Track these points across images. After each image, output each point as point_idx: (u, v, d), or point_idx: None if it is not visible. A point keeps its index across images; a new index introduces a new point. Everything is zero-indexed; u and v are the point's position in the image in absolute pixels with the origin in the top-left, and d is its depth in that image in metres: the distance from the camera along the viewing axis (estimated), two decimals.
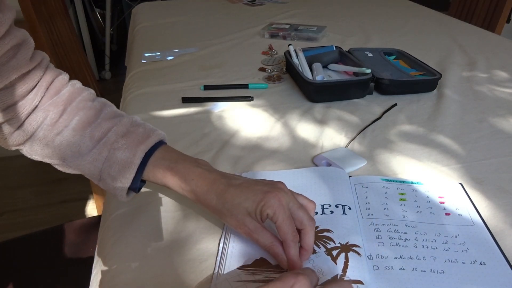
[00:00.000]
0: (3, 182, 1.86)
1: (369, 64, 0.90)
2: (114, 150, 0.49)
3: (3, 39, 0.44)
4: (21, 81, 0.47)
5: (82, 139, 0.49)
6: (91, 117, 0.51)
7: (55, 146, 0.49)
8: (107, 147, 0.49)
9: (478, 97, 0.83)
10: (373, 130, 0.71)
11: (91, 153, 0.49)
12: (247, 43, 1.18)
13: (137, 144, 0.49)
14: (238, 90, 0.87)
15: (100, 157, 0.49)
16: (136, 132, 0.51)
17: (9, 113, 0.47)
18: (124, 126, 0.51)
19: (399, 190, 0.55)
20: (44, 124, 0.49)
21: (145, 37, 1.27)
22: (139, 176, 0.49)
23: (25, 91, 0.48)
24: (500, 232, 0.48)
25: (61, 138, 0.49)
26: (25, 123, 0.49)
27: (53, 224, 0.88)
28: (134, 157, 0.48)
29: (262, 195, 0.43)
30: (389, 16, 1.42)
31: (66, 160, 0.50)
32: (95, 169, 0.50)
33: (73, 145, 0.49)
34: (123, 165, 0.48)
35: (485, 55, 1.04)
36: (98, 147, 0.49)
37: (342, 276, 0.41)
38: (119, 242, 0.49)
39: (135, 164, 0.48)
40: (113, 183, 0.49)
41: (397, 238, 0.47)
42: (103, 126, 0.50)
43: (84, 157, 0.49)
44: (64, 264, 0.80)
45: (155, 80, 0.94)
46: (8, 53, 0.45)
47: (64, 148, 0.49)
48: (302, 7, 1.54)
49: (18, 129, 0.49)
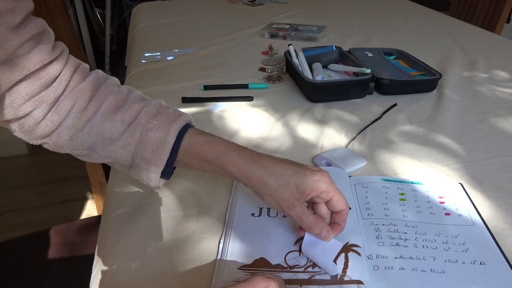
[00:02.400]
0: (3, 182, 1.86)
1: (369, 64, 0.90)
2: (147, 131, 0.48)
3: (23, 27, 0.43)
4: (44, 71, 0.46)
5: (113, 123, 0.48)
6: (120, 101, 0.50)
7: (85, 133, 0.48)
8: (139, 129, 0.48)
9: (478, 97, 0.83)
10: (373, 130, 0.71)
11: (123, 137, 0.48)
12: (247, 43, 1.18)
13: (169, 123, 0.48)
14: (238, 90, 0.87)
15: (132, 140, 0.48)
16: (166, 112, 0.50)
17: (34, 103, 0.46)
18: (154, 107, 0.50)
19: (399, 190, 0.55)
20: (72, 112, 0.48)
21: (145, 37, 1.27)
22: (173, 157, 0.48)
23: (48, 80, 0.47)
24: (500, 232, 0.48)
25: (91, 124, 0.48)
26: (52, 112, 0.48)
27: (53, 224, 0.88)
28: (168, 136, 0.48)
29: (312, 172, 0.43)
30: (389, 16, 1.42)
31: (96, 149, 0.49)
32: (128, 154, 0.49)
33: (104, 130, 0.48)
34: (157, 145, 0.47)
35: (485, 55, 1.04)
36: (130, 130, 0.48)
37: (342, 276, 0.41)
38: (119, 242, 0.49)
39: (170, 143, 0.48)
40: (147, 167, 0.48)
41: (397, 238, 0.47)
42: (133, 109, 0.49)
43: (116, 142, 0.48)
44: (64, 264, 0.80)
45: (155, 80, 0.94)
46: (30, 42, 0.44)
47: (95, 135, 0.49)
48: (302, 7, 1.54)
49: (45, 119, 0.48)
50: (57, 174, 1.92)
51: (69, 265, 0.80)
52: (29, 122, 0.47)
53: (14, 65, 0.43)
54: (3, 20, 0.40)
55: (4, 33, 0.41)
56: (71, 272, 0.78)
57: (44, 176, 1.91)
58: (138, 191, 0.57)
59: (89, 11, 2.87)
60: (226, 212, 0.52)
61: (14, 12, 0.41)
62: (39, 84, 0.46)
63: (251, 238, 0.47)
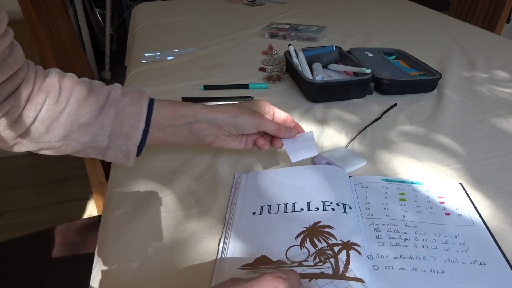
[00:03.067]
0: (3, 182, 1.86)
1: (369, 64, 0.90)
2: (121, 108, 0.52)
3: (5, 36, 0.45)
4: (16, 74, 0.48)
5: (88, 107, 0.51)
6: (89, 88, 0.53)
7: (61, 123, 0.50)
8: (113, 108, 0.52)
9: (478, 97, 0.83)
10: (373, 130, 0.71)
11: (98, 118, 0.51)
12: (247, 43, 1.18)
13: (139, 98, 0.53)
14: (238, 90, 0.87)
15: (108, 119, 0.51)
16: (131, 90, 0.55)
17: (8, 103, 0.47)
18: (119, 89, 0.54)
19: (399, 190, 0.55)
20: (45, 105, 0.50)
21: (145, 37, 1.27)
22: (147, 129, 0.53)
23: (19, 81, 0.48)
24: (500, 232, 0.48)
25: (66, 113, 0.50)
26: (26, 108, 0.49)
27: (53, 224, 0.88)
28: (141, 109, 0.52)
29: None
30: (389, 16, 1.42)
31: (71, 137, 0.51)
32: (105, 134, 0.51)
33: (80, 116, 0.51)
34: (134, 119, 0.52)
35: (485, 55, 1.04)
36: (104, 111, 0.51)
37: (343, 272, 0.41)
38: (119, 242, 0.49)
39: (143, 115, 0.52)
40: (126, 141, 0.52)
41: (397, 238, 0.47)
42: (103, 92, 0.53)
43: (92, 125, 0.51)
44: (64, 264, 0.80)
45: (155, 80, 0.94)
46: (7, 49, 0.46)
47: (71, 123, 0.50)
48: (302, 7, 1.54)
49: (21, 116, 0.49)
50: (57, 174, 1.92)
51: (69, 265, 0.80)
52: (6, 122, 0.48)
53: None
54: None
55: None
56: (71, 272, 0.78)
57: (44, 176, 1.91)
58: (138, 191, 0.57)
59: (89, 11, 2.87)
60: (226, 212, 0.53)
61: (1, 21, 0.44)
62: (11, 85, 0.48)
63: (252, 237, 0.47)
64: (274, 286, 0.33)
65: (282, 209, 0.51)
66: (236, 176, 0.59)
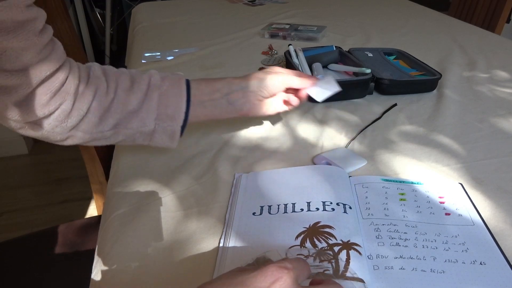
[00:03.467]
0: (3, 182, 1.86)
1: (369, 64, 0.90)
2: (164, 91, 0.56)
3: (44, 32, 0.46)
4: (60, 70, 0.49)
5: (135, 94, 0.54)
6: (131, 77, 0.56)
7: (112, 112, 0.53)
8: (156, 92, 0.55)
9: (478, 97, 0.83)
10: (373, 130, 0.71)
11: (144, 103, 0.55)
12: (247, 43, 1.18)
13: (177, 80, 0.57)
14: None
15: (153, 103, 0.55)
16: (168, 75, 0.58)
17: (60, 97, 0.49)
18: (157, 74, 0.57)
19: (399, 190, 0.55)
20: (97, 96, 0.52)
21: (145, 37, 1.27)
22: (188, 109, 0.57)
23: (64, 77, 0.50)
24: (500, 232, 0.48)
25: (116, 102, 0.54)
26: (77, 101, 0.51)
27: (53, 224, 0.88)
28: (181, 90, 0.56)
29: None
30: (389, 16, 1.42)
31: (121, 125, 0.54)
32: (151, 118, 0.55)
33: (128, 103, 0.54)
34: (176, 100, 0.56)
35: (485, 55, 1.04)
36: (148, 96, 0.55)
37: (344, 272, 0.41)
38: (119, 242, 0.49)
39: (184, 96, 0.56)
40: (172, 123, 0.56)
41: (397, 238, 0.47)
42: (144, 79, 0.56)
43: (139, 111, 0.54)
44: (64, 264, 0.80)
45: None
46: (49, 44, 0.47)
47: (120, 111, 0.54)
48: (302, 7, 1.54)
49: (73, 109, 0.51)
50: (57, 174, 1.92)
51: (69, 265, 0.80)
52: (61, 115, 0.50)
53: (40, 65, 0.46)
54: (32, 26, 0.44)
55: (33, 38, 0.44)
56: (71, 272, 0.78)
57: (44, 176, 1.91)
58: (138, 191, 0.57)
59: (89, 11, 2.87)
60: (226, 212, 0.53)
61: (37, 19, 0.45)
62: (58, 81, 0.49)
63: (252, 237, 0.47)
64: (278, 277, 0.33)
65: (282, 209, 0.51)
66: (236, 176, 0.59)
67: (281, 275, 0.33)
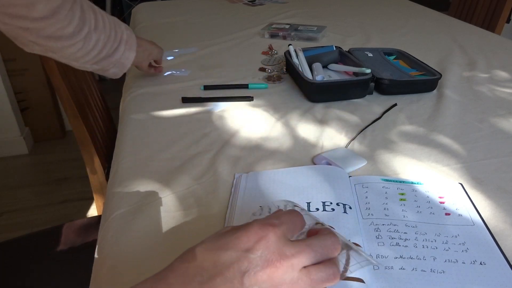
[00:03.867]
0: (3, 182, 1.86)
1: (369, 64, 0.90)
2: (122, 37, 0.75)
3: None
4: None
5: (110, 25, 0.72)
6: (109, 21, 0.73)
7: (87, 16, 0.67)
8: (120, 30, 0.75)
9: (478, 97, 0.83)
10: (373, 130, 0.71)
11: (105, 25, 0.71)
12: (247, 43, 1.18)
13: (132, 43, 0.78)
14: (238, 90, 0.87)
15: (111, 24, 0.72)
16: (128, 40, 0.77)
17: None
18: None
19: (399, 190, 0.55)
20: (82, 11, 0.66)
21: (145, 37, 1.27)
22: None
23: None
24: (500, 232, 0.48)
25: (97, 22, 0.69)
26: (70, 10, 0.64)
27: (53, 224, 0.88)
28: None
29: None
30: (389, 16, 1.42)
31: (95, 32, 0.68)
32: (112, 32, 0.72)
33: (105, 27, 0.70)
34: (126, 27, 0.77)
35: (485, 55, 1.04)
36: (106, 21, 0.71)
37: (343, 272, 0.41)
38: (119, 242, 0.49)
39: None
40: (130, 41, 0.76)
41: (397, 238, 0.47)
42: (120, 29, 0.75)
43: (103, 30, 0.70)
44: (64, 264, 0.80)
45: (155, 80, 0.94)
46: None
47: (96, 24, 0.68)
48: (302, 7, 1.54)
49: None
50: (57, 174, 1.92)
51: (69, 265, 0.80)
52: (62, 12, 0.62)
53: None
54: None
55: None
56: (71, 272, 0.78)
57: (44, 176, 1.91)
58: (138, 191, 0.57)
59: None
60: (226, 212, 0.52)
61: None
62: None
63: None
64: (262, 235, 0.32)
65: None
66: (236, 176, 0.59)
67: (265, 233, 0.32)
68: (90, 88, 1.20)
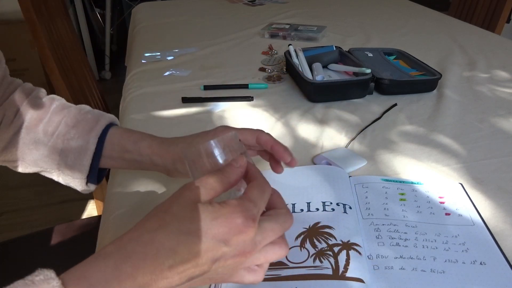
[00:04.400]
0: (3, 182, 1.86)
1: (369, 64, 0.90)
2: (68, 140, 0.52)
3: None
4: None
5: (36, 135, 0.53)
6: (42, 114, 0.54)
7: (12, 146, 0.52)
8: (61, 139, 0.53)
9: (478, 97, 0.83)
10: (373, 130, 0.71)
11: (47, 147, 0.53)
12: (247, 43, 1.18)
13: (88, 131, 0.53)
14: (238, 90, 0.87)
15: (56, 150, 0.52)
16: (85, 119, 0.54)
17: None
18: (74, 116, 0.54)
19: (399, 190, 0.55)
20: (2, 125, 0.52)
21: (145, 37, 1.27)
22: (97, 163, 0.53)
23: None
24: (500, 232, 0.48)
25: (17, 137, 0.53)
26: None
27: (53, 224, 0.88)
28: (88, 143, 0.52)
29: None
30: (389, 16, 1.42)
31: (25, 159, 0.53)
32: (53, 162, 0.53)
33: (29, 142, 0.53)
34: (79, 153, 0.52)
35: (485, 55, 1.04)
36: (53, 141, 0.53)
37: (343, 272, 0.41)
38: None
39: (90, 150, 0.52)
40: (72, 173, 0.53)
41: (397, 238, 0.47)
42: (54, 120, 0.54)
43: (41, 152, 0.53)
44: (64, 264, 0.80)
45: (155, 80, 0.94)
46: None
47: (21, 147, 0.53)
48: (302, 7, 1.54)
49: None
50: None
51: (69, 265, 0.80)
52: None
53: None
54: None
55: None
56: None
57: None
58: (138, 191, 0.57)
59: (89, 11, 2.87)
60: None
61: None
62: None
63: None
64: (242, 231, 0.31)
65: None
66: None
67: (246, 229, 0.32)
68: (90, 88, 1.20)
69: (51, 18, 1.03)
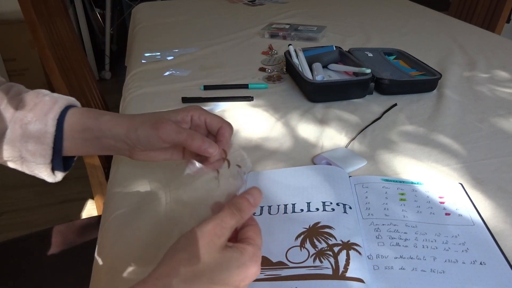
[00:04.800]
0: (2, 182, 1.86)
1: (369, 64, 0.90)
2: (25, 125, 0.49)
3: None
4: None
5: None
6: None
7: None
8: (18, 124, 0.49)
9: (478, 97, 0.83)
10: (373, 130, 0.71)
11: (6, 134, 0.49)
12: (247, 43, 1.18)
13: (45, 113, 0.49)
14: (238, 90, 0.87)
15: (15, 136, 0.49)
16: (42, 101, 0.50)
17: None
18: (31, 100, 0.51)
19: (399, 190, 0.55)
20: None
21: (145, 37, 1.27)
22: (60, 145, 0.50)
23: None
24: (500, 232, 0.48)
25: None
26: None
27: (53, 224, 0.88)
28: (46, 126, 0.49)
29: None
30: (389, 16, 1.42)
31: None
32: (15, 149, 0.49)
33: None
34: (38, 137, 0.49)
35: (485, 55, 1.04)
36: (11, 127, 0.49)
37: (343, 272, 0.41)
38: (119, 242, 0.49)
39: (50, 133, 0.49)
40: (34, 159, 0.49)
41: (397, 238, 0.47)
42: (11, 105, 0.50)
43: (2, 140, 0.49)
44: (64, 264, 0.80)
45: (155, 80, 0.94)
46: None
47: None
48: (302, 7, 1.54)
49: None
50: None
51: (69, 265, 0.80)
52: None
53: None
54: None
55: None
56: (71, 272, 0.78)
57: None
58: (138, 191, 0.57)
59: (89, 11, 2.87)
60: None
61: None
62: None
63: None
64: (254, 276, 0.36)
65: (282, 210, 0.51)
66: None
67: (256, 274, 0.36)
68: (90, 88, 1.20)
69: (51, 18, 1.03)
